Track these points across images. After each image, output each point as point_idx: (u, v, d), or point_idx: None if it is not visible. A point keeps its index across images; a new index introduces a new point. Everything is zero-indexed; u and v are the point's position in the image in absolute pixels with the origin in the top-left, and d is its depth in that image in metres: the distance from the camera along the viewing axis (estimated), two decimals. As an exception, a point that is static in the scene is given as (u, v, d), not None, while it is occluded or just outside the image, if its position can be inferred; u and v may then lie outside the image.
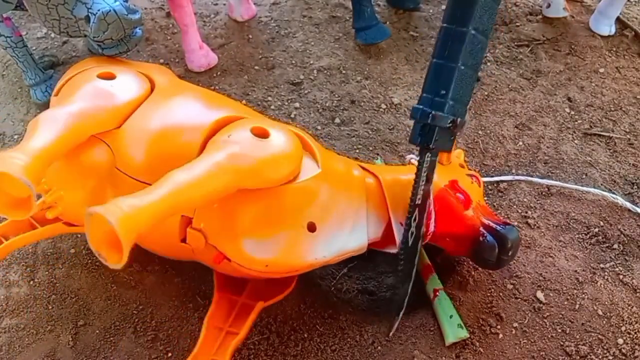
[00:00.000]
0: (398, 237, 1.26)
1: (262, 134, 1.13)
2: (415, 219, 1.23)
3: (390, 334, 1.31)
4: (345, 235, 1.21)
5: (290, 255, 1.15)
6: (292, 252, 1.15)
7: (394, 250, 1.28)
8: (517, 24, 2.33)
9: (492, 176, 1.69)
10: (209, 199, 1.01)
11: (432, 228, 1.27)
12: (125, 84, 1.31)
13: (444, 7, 2.40)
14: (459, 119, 1.16)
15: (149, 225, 0.89)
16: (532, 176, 1.69)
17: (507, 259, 1.28)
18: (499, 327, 1.32)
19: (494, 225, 1.27)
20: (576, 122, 1.91)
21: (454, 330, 1.29)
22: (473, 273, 1.42)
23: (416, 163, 1.23)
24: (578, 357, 1.28)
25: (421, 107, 1.16)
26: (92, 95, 1.25)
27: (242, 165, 1.04)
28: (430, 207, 1.25)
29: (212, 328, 1.19)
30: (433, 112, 1.14)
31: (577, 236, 1.54)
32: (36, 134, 1.09)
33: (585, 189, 1.64)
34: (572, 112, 1.95)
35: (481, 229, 1.26)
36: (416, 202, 1.22)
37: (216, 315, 1.22)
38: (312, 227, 1.16)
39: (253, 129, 1.13)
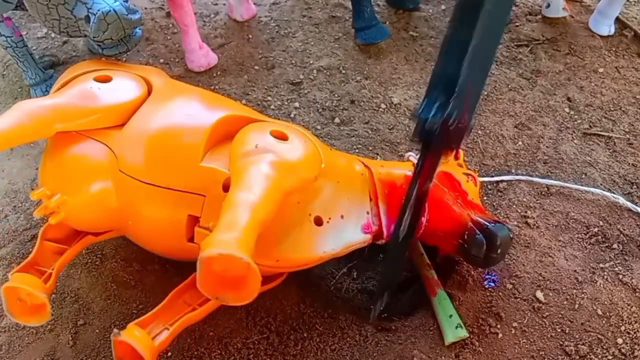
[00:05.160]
0: (385, 228, 1.26)
1: (282, 137, 1.14)
2: (408, 215, 1.18)
3: (371, 320, 1.32)
4: (351, 228, 1.22)
5: (300, 249, 1.16)
6: (302, 246, 1.16)
7: (381, 242, 1.28)
8: (517, 24, 2.34)
9: (492, 176, 1.70)
10: (275, 212, 1.01)
11: (424, 222, 1.27)
12: (118, 87, 1.31)
13: (443, 7, 2.42)
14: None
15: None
16: (531, 176, 1.70)
17: (497, 256, 1.26)
18: (498, 326, 1.32)
19: (484, 222, 1.26)
20: (576, 122, 1.91)
21: (453, 330, 1.29)
22: (473, 273, 1.42)
23: (415, 160, 1.22)
24: (577, 357, 1.28)
25: (423, 109, 1.06)
26: (73, 94, 1.26)
27: (286, 171, 1.06)
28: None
29: (179, 301, 1.17)
30: (440, 117, 1.04)
31: (576, 236, 1.54)
32: None
33: (585, 188, 1.65)
34: (572, 112, 1.95)
35: (470, 224, 1.26)
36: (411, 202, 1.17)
37: (188, 292, 1.18)
38: (318, 221, 1.18)
39: (272, 132, 1.14)
